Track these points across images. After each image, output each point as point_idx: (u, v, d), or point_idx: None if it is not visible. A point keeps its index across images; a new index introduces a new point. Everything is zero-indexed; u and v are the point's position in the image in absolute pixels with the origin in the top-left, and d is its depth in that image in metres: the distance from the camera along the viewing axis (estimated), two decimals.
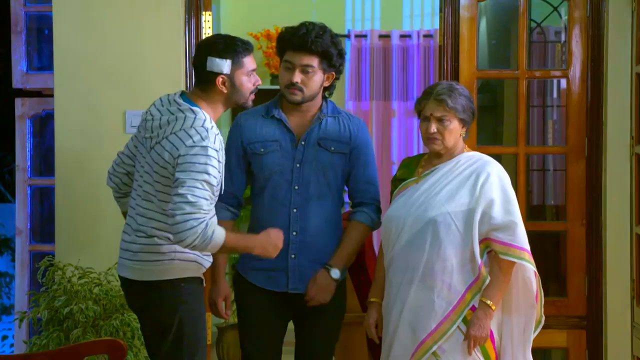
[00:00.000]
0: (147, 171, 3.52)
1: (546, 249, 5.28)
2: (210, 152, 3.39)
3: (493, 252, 3.60)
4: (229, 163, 3.84)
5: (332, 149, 3.88)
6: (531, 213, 5.59)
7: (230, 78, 3.51)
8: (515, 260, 3.56)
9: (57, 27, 4.60)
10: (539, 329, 3.66)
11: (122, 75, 4.57)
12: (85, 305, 4.21)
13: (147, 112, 3.58)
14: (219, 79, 3.50)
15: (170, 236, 3.43)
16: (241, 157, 3.88)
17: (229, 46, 3.53)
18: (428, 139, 3.68)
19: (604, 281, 4.60)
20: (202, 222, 3.34)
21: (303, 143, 3.86)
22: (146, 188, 3.53)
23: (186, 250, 3.48)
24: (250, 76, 3.56)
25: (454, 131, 3.67)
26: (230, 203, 3.90)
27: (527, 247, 3.59)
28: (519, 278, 3.62)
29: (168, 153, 3.43)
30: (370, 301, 3.83)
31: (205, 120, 3.44)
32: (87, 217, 4.57)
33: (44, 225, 5.37)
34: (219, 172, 3.44)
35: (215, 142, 3.42)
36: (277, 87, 3.92)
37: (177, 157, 3.39)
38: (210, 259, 3.67)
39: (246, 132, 3.87)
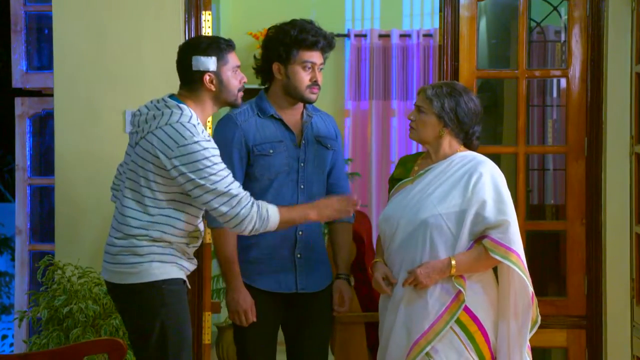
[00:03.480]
0: (131, 168, 3.49)
1: (546, 248, 5.27)
2: (205, 144, 3.40)
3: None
4: (231, 164, 3.79)
5: (329, 146, 3.90)
6: (531, 212, 5.58)
7: (217, 75, 3.52)
8: (499, 258, 3.53)
9: (57, 27, 4.59)
10: (535, 329, 3.64)
11: (122, 75, 4.57)
12: (85, 305, 4.20)
13: (136, 110, 3.56)
14: (206, 77, 3.51)
15: (151, 233, 3.43)
16: (244, 158, 3.84)
17: (212, 44, 3.54)
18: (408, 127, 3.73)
19: (604, 281, 4.59)
20: (250, 206, 3.40)
21: (304, 142, 3.86)
22: (128, 184, 3.49)
23: (165, 252, 3.47)
24: (235, 72, 3.56)
25: (428, 124, 3.66)
26: None
27: (517, 248, 3.55)
28: (515, 280, 3.59)
29: (154, 147, 3.41)
30: (375, 261, 3.77)
31: (191, 117, 3.45)
32: (87, 216, 4.57)
33: (43, 224, 5.37)
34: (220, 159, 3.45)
35: (204, 136, 3.43)
36: None
37: (172, 159, 3.38)
38: (194, 263, 3.63)
39: (249, 132, 3.83)
